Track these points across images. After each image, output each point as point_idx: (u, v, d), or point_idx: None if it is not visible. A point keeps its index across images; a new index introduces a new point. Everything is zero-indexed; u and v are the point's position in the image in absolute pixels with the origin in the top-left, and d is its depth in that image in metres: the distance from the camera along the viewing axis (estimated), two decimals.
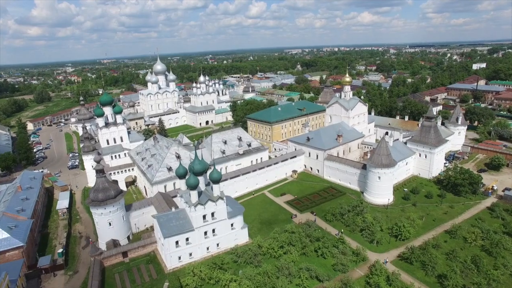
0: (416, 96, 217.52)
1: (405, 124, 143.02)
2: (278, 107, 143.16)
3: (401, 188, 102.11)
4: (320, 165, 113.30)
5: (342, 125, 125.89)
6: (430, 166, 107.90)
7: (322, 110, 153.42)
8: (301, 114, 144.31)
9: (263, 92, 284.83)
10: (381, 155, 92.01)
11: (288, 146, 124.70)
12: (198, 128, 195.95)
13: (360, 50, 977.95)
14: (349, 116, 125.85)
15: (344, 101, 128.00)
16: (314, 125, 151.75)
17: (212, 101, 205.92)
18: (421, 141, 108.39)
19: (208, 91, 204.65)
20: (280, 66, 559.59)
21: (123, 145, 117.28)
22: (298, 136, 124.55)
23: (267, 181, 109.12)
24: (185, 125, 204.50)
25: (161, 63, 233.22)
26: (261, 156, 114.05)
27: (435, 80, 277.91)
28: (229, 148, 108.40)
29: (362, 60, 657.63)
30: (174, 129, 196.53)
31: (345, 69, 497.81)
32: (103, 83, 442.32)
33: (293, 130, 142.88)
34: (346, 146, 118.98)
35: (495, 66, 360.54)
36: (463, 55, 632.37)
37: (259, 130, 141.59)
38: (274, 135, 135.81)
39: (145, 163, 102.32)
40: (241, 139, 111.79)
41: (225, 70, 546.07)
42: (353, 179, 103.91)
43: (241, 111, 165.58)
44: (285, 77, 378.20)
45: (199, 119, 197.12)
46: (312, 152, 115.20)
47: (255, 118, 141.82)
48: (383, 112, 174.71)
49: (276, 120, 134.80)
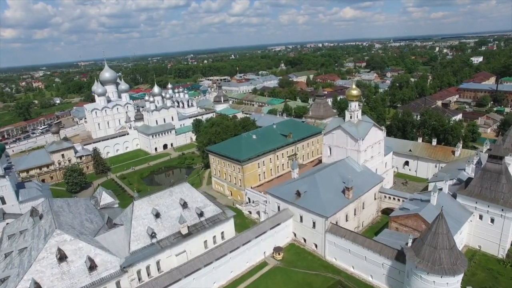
0: (427, 102, 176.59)
1: (434, 152, 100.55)
2: (253, 134, 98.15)
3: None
4: (319, 238, 69.56)
5: (349, 164, 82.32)
6: (502, 236, 65.47)
7: (317, 133, 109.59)
8: (287, 142, 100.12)
9: (240, 99, 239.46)
10: (439, 249, 48.67)
11: (268, 203, 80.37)
12: (153, 155, 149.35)
13: (344, 45, 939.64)
14: (359, 150, 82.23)
15: (351, 126, 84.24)
16: (306, 156, 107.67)
17: (171, 118, 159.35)
18: (484, 195, 65.76)
19: (165, 106, 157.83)
20: (262, 65, 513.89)
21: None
22: (283, 185, 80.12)
23: (233, 272, 64.70)
24: (137, 151, 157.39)
25: (109, 70, 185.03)
26: (222, 230, 68.96)
27: (440, 79, 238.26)
28: (164, 225, 62.97)
29: (349, 56, 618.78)
30: (122, 157, 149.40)
31: (333, 67, 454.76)
32: (55, 91, 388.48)
33: (275, 167, 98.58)
34: (359, 202, 75.49)
35: (501, 60, 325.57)
36: (453, 49, 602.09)
37: (225, 170, 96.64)
38: (247, 179, 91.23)
39: (4, 265, 56.25)
40: (186, 205, 66.40)
41: (203, 72, 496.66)
42: (378, 272, 60.50)
43: (205, 136, 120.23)
44: (267, 79, 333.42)
45: (153, 143, 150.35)
46: (306, 216, 71.35)
47: (219, 153, 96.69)
48: (393, 129, 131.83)
49: (249, 157, 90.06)
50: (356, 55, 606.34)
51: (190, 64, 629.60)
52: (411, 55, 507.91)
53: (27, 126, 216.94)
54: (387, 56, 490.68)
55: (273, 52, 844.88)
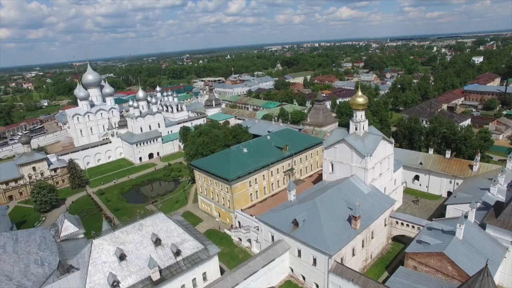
0: (433, 105, 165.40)
1: (448, 166, 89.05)
2: (244, 147, 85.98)
3: None
4: (321, 278, 57.76)
5: (355, 184, 70.61)
6: None
7: (317, 144, 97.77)
8: (282, 156, 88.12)
9: (234, 102, 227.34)
10: None
11: (261, 230, 68.46)
12: (137, 165, 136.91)
13: (341, 45, 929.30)
14: (367, 168, 70.45)
15: (357, 140, 72.43)
16: (304, 170, 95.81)
17: (157, 125, 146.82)
18: None
19: (151, 111, 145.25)
20: (258, 66, 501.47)
21: None
22: (278, 211, 68.13)
23: None
24: (121, 160, 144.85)
25: (93, 72, 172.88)
26: (203, 271, 56.83)
27: (443, 80, 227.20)
28: (131, 270, 50.84)
29: (346, 55, 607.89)
30: (104, 168, 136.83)
31: (331, 68, 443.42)
32: (44, 92, 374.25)
33: (269, 185, 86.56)
34: (367, 231, 63.73)
35: (503, 60, 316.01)
36: (451, 48, 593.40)
37: (212, 188, 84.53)
38: (237, 200, 79.17)
39: None
40: (159, 242, 54.34)
41: (197, 73, 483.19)
42: None
43: (191, 146, 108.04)
44: (263, 80, 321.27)
45: (137, 152, 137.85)
46: (305, 250, 59.54)
47: (204, 169, 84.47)
48: (399, 137, 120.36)
49: (239, 176, 77.96)
50: (354, 55, 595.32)
51: (185, 65, 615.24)
52: (409, 55, 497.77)
53: (5, 131, 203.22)
54: (385, 56, 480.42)
55: (269, 52, 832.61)
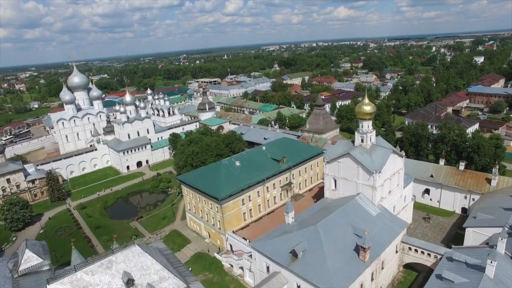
0: (438, 108, 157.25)
1: (463, 179, 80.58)
2: (236, 160, 77.01)
3: None
4: None
5: (362, 205, 62.01)
6: None
7: (318, 155, 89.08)
8: (279, 169, 79.32)
9: (230, 104, 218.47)
10: None
11: (255, 259, 59.72)
12: (124, 174, 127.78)
13: (339, 45, 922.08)
14: (375, 186, 61.82)
15: (363, 154, 63.75)
16: (303, 183, 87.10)
17: (146, 131, 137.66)
18: None
19: (139, 117, 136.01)
20: (255, 66, 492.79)
21: None
22: (274, 237, 59.32)
23: None
24: (107, 169, 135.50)
25: (79, 74, 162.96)
26: None
27: (446, 81, 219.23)
28: None
29: (344, 56, 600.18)
30: (88, 177, 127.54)
31: (329, 68, 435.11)
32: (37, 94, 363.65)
33: (264, 202, 77.73)
34: (377, 262, 55.10)
35: (505, 60, 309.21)
36: (450, 48, 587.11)
37: (201, 206, 75.62)
38: (228, 221, 70.28)
39: None
40: (132, 282, 45.12)
41: (193, 73, 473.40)
42: None
43: (180, 156, 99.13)
44: (260, 81, 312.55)
45: (125, 160, 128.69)
46: (305, 287, 50.84)
47: (192, 185, 75.50)
48: (405, 144, 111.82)
49: (231, 193, 69.05)
50: (352, 55, 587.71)
51: (180, 65, 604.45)
52: (409, 55, 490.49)
53: None
54: (384, 56, 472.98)
55: (267, 52, 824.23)
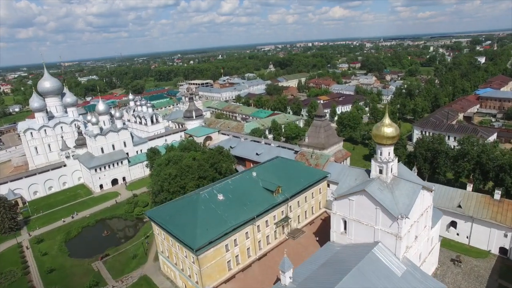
0: (450, 115, 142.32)
1: (500, 211, 65.26)
2: (219, 192, 60.92)
3: None
4: None
5: (382, 260, 46.42)
6: None
7: (320, 180, 73.24)
8: (273, 202, 63.36)
9: (221, 109, 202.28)
10: None
11: None
12: (96, 195, 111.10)
13: (335, 44, 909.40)
14: (400, 235, 46.29)
15: (383, 190, 48.18)
16: (302, 215, 71.23)
17: (123, 144, 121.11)
18: None
19: (115, 128, 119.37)
20: (250, 67, 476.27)
21: None
22: None
23: None
24: (79, 187, 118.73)
25: (51, 78, 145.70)
26: None
27: (452, 84, 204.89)
28: None
29: (341, 56, 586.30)
30: (55, 198, 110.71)
31: (326, 69, 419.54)
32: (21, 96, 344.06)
33: (255, 244, 61.66)
34: None
35: (508, 60, 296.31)
36: (448, 48, 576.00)
37: (175, 251, 59.59)
38: (207, 274, 54.20)
39: None
40: None
41: (186, 74, 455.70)
42: None
43: (156, 179, 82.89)
44: (254, 83, 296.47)
45: (97, 178, 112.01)
46: None
47: (162, 226, 59.31)
48: (418, 160, 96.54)
49: (210, 241, 52.95)
50: (349, 55, 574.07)
51: (172, 66, 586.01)
52: (407, 54, 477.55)
53: None
54: (382, 57, 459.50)
55: (262, 52, 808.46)
